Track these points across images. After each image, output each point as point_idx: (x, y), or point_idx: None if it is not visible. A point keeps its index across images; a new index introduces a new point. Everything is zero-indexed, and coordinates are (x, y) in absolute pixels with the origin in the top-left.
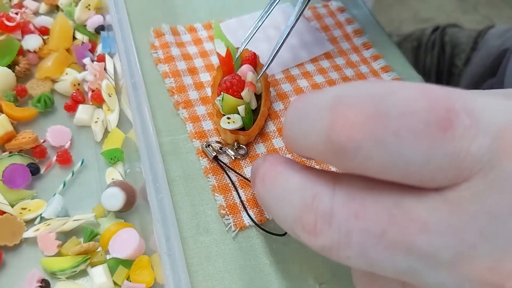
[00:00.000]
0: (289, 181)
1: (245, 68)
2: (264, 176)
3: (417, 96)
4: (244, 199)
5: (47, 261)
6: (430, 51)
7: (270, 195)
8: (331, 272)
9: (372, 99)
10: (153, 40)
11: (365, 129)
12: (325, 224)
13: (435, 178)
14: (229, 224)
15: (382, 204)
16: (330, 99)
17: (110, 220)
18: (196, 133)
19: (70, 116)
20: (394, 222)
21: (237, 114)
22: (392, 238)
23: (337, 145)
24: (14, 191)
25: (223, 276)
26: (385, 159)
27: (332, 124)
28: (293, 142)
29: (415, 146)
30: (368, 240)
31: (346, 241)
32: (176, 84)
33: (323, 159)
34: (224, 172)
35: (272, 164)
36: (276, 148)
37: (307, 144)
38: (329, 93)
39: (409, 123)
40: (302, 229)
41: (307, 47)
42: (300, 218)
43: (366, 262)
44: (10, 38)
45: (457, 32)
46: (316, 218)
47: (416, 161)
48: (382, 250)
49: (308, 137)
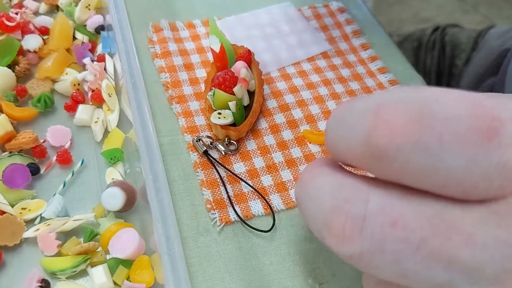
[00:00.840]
0: (323, 182)
1: (239, 64)
2: (303, 177)
3: (462, 103)
4: (231, 195)
5: (47, 261)
6: (430, 51)
7: (304, 195)
8: (331, 272)
9: (415, 104)
10: (151, 35)
11: (406, 132)
12: (356, 229)
13: (478, 188)
14: (215, 219)
15: (423, 213)
16: (372, 103)
17: (110, 220)
18: (188, 128)
19: (70, 116)
20: (436, 233)
21: (228, 110)
22: (433, 249)
23: (377, 147)
24: (14, 191)
25: (223, 276)
26: (426, 164)
27: (373, 126)
28: (333, 146)
29: (458, 151)
30: (405, 250)
31: (378, 249)
32: (171, 79)
33: (362, 164)
34: (213, 167)
35: (313, 165)
36: (267, 145)
37: (347, 148)
38: (371, 98)
39: (453, 128)
40: (329, 233)
41: (305, 46)
42: (328, 221)
43: (398, 272)
44: (10, 38)
45: (457, 32)
46: (346, 222)
47: (458, 168)
48: (419, 261)
49: (348, 141)
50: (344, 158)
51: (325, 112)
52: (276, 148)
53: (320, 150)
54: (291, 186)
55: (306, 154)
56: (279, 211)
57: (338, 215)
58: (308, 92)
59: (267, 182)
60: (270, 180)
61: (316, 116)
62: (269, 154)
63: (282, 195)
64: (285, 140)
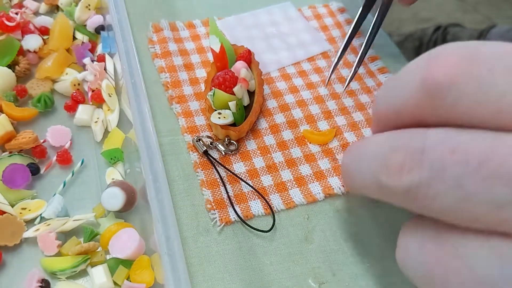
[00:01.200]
0: (378, 136)
1: (239, 64)
2: (351, 147)
3: (506, 44)
4: (231, 195)
5: (47, 261)
6: None
7: (357, 153)
8: (331, 272)
9: (465, 47)
10: (151, 35)
11: (460, 67)
12: (415, 161)
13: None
14: (215, 219)
15: (480, 138)
16: (426, 54)
17: (110, 220)
18: (188, 128)
19: (70, 116)
20: (495, 152)
21: (228, 110)
22: (493, 168)
23: (432, 84)
24: (14, 191)
25: (223, 276)
26: (479, 93)
27: (429, 66)
28: (387, 98)
29: (509, 77)
30: (466, 172)
31: (438, 177)
32: (171, 79)
33: (416, 108)
34: (213, 167)
35: (361, 138)
36: (267, 145)
37: (403, 98)
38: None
39: (503, 60)
40: (387, 173)
41: (305, 46)
42: (385, 163)
43: (460, 195)
44: (10, 38)
45: (459, 32)
46: (405, 158)
47: (509, 92)
48: (480, 181)
49: (405, 87)
50: (398, 110)
51: (325, 112)
52: (276, 148)
53: (320, 150)
54: (291, 186)
55: (306, 154)
56: (279, 211)
57: (397, 153)
58: (308, 92)
59: (267, 182)
60: (270, 180)
61: (316, 116)
62: (269, 154)
63: (282, 195)
64: (285, 140)
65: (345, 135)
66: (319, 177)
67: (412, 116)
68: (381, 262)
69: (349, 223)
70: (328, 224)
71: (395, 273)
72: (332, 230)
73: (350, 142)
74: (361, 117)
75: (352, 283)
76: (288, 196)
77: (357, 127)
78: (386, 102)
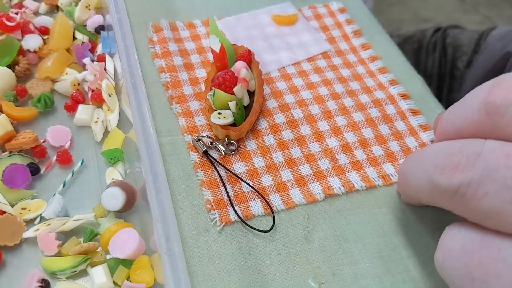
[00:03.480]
0: (435, 145)
1: (239, 64)
2: (411, 154)
3: None
4: (231, 195)
5: (47, 261)
6: (431, 53)
7: (411, 162)
8: (331, 272)
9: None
10: (151, 35)
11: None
12: (470, 162)
13: None
14: (215, 219)
15: None
16: (489, 81)
17: (110, 220)
18: (188, 128)
19: (70, 116)
20: None
21: (228, 110)
22: None
23: (493, 104)
24: (14, 191)
25: (223, 276)
26: None
27: (491, 91)
28: (452, 116)
29: None
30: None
31: (490, 178)
32: (171, 79)
33: (477, 125)
34: (213, 167)
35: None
36: (267, 145)
37: (466, 114)
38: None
39: None
40: (441, 171)
41: (305, 46)
42: (441, 163)
43: (507, 197)
44: (10, 38)
45: (458, 34)
46: (461, 158)
47: None
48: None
49: (469, 107)
50: (460, 127)
51: (325, 112)
52: (276, 148)
53: (320, 150)
54: (291, 186)
55: (306, 154)
56: (279, 211)
57: (454, 156)
58: (308, 92)
59: (267, 182)
60: (270, 180)
61: (316, 116)
62: (269, 154)
63: (282, 195)
64: (285, 140)
65: (345, 135)
66: (319, 177)
67: (472, 132)
68: (381, 262)
69: (349, 223)
70: (328, 224)
71: (396, 273)
72: (332, 230)
73: (350, 142)
74: (361, 117)
75: (352, 283)
76: (288, 196)
77: (357, 127)
78: (451, 120)
